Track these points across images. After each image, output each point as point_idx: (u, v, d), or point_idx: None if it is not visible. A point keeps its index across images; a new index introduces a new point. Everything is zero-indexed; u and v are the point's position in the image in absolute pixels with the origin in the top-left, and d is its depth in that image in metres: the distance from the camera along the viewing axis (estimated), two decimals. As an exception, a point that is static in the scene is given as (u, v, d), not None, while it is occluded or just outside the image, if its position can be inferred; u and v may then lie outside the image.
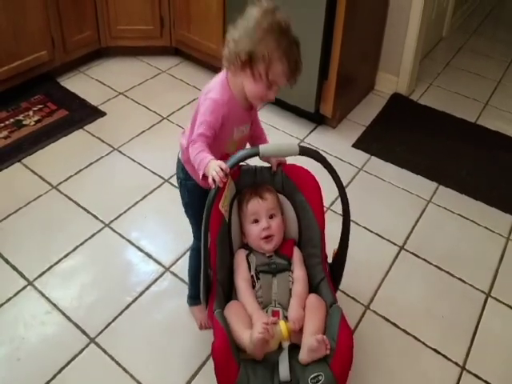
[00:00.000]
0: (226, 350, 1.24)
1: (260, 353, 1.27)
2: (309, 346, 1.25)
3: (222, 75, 1.35)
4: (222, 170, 1.20)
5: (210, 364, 1.28)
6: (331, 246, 1.51)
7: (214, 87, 1.33)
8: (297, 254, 1.53)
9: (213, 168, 1.20)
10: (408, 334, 1.73)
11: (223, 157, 1.37)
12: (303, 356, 1.26)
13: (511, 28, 3.97)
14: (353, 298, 1.83)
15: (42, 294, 1.76)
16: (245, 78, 1.29)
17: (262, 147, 1.26)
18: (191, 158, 1.29)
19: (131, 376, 1.55)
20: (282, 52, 1.25)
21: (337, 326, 1.31)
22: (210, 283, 1.41)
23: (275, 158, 1.49)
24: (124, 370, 1.56)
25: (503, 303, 1.86)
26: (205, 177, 1.24)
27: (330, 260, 1.53)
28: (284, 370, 1.25)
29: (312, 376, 1.23)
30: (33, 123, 2.53)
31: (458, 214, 2.22)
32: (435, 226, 2.16)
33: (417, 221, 2.17)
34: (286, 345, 1.31)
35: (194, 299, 1.69)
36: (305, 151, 1.29)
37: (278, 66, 1.26)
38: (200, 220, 1.30)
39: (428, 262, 1.99)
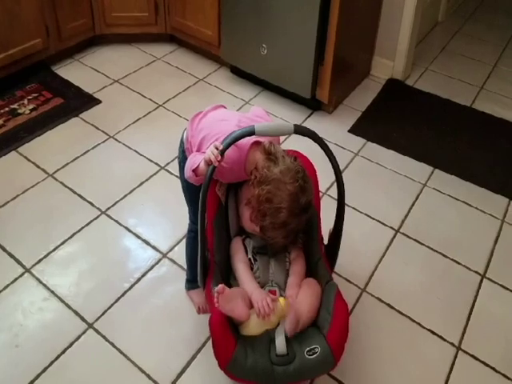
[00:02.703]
0: (223, 324, 1.25)
1: (242, 309, 1.29)
2: (290, 320, 1.28)
3: (247, 146, 1.33)
4: (217, 148, 1.22)
5: (209, 347, 1.29)
6: (327, 230, 1.52)
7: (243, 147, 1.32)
8: None
9: (208, 149, 1.22)
10: (404, 315, 1.75)
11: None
12: (287, 329, 1.28)
13: (507, 13, 3.95)
14: (349, 281, 1.84)
15: (40, 281, 1.77)
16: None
17: (257, 126, 1.26)
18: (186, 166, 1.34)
19: (130, 360, 1.56)
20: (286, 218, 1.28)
21: (332, 300, 1.33)
22: (207, 264, 1.42)
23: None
24: (123, 354, 1.58)
25: (498, 284, 1.88)
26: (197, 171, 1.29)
27: (325, 242, 1.55)
28: (280, 344, 1.27)
29: (308, 348, 1.26)
30: (28, 112, 2.52)
31: (453, 197, 2.23)
32: (430, 210, 2.17)
33: (412, 204, 2.19)
34: (282, 319, 1.32)
35: (191, 283, 1.70)
36: (299, 130, 1.30)
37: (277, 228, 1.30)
38: (197, 203, 1.31)
39: (423, 245, 2.01)
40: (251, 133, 1.26)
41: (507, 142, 2.59)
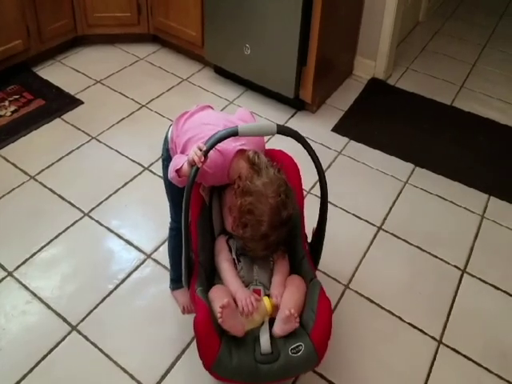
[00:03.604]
0: (207, 323, 1.26)
1: (240, 327, 1.29)
2: (281, 318, 1.28)
3: (231, 154, 1.34)
4: (200, 149, 1.22)
5: (194, 347, 1.30)
6: (311, 228, 1.54)
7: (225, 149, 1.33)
8: None
9: (191, 150, 1.23)
10: (386, 310, 1.77)
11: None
12: (275, 328, 1.30)
13: (486, 12, 4.01)
14: (333, 278, 1.86)
15: (22, 285, 1.76)
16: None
17: (240, 126, 1.27)
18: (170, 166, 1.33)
19: (114, 362, 1.56)
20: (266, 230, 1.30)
21: (316, 298, 1.35)
22: (191, 265, 1.42)
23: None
24: (107, 356, 1.57)
25: (478, 278, 1.91)
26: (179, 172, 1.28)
27: (309, 240, 1.56)
28: (265, 342, 1.27)
29: (292, 346, 1.27)
30: (9, 114, 2.50)
31: (434, 194, 2.27)
32: (412, 207, 2.20)
33: (394, 202, 2.21)
34: (266, 319, 1.33)
35: (175, 283, 1.71)
36: (282, 130, 1.31)
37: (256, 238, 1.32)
38: (178, 201, 1.32)
39: (405, 242, 2.03)
40: (234, 133, 1.27)
41: (486, 140, 2.63)
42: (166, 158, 1.50)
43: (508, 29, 3.78)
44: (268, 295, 1.39)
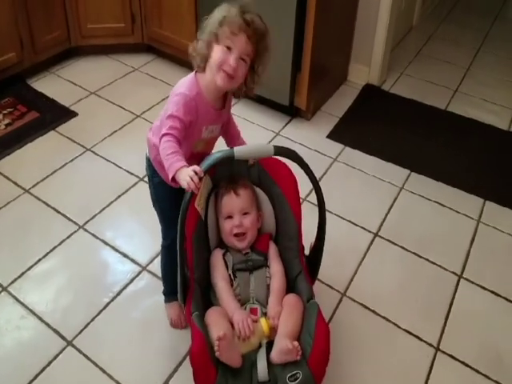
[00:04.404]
0: (203, 355, 1.23)
1: (237, 357, 1.27)
2: (281, 348, 1.26)
3: (190, 74, 1.36)
4: (196, 173, 1.18)
5: (188, 361, 1.28)
6: (308, 236, 1.53)
7: (182, 84, 1.34)
8: (272, 248, 1.54)
9: (186, 173, 1.18)
10: (384, 318, 1.76)
11: (191, 155, 1.37)
12: (274, 356, 1.27)
13: (479, 15, 4.02)
14: (329, 286, 1.85)
15: (17, 299, 1.74)
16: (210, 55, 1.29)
17: (236, 149, 1.25)
18: (161, 154, 1.25)
19: (110, 377, 1.54)
20: (238, 18, 1.27)
21: (314, 322, 1.32)
22: (187, 283, 1.41)
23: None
24: (103, 371, 1.56)
25: (475, 284, 1.90)
26: (174, 179, 1.23)
27: (307, 252, 1.55)
28: (262, 370, 1.25)
29: (290, 374, 1.24)
30: (3, 127, 2.49)
31: (430, 200, 2.26)
32: (408, 212, 2.19)
33: (390, 208, 2.21)
34: (263, 342, 1.32)
35: (166, 296, 1.70)
36: (280, 151, 1.29)
37: (233, 24, 1.26)
38: (167, 218, 1.31)
39: (402, 248, 2.03)
40: (230, 155, 1.25)
41: (481, 143, 2.63)
42: (151, 175, 1.48)
43: (502, 31, 3.79)
44: (265, 314, 1.38)
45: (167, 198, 1.44)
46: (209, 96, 1.34)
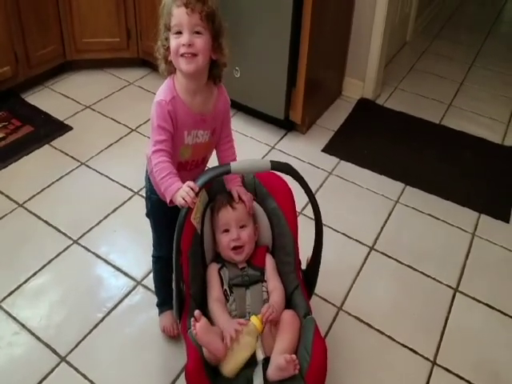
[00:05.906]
0: (199, 372, 1.22)
1: (219, 345, 1.26)
2: (276, 364, 1.23)
3: (167, 80, 1.34)
4: (191, 189, 1.18)
5: (184, 378, 1.27)
6: (304, 250, 1.52)
7: (159, 92, 1.32)
8: (270, 263, 1.51)
9: (182, 189, 1.18)
10: (380, 332, 1.75)
11: (179, 165, 1.37)
12: (270, 373, 1.25)
13: (471, 31, 4.09)
14: (325, 300, 1.84)
15: (10, 315, 1.72)
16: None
17: (233, 164, 1.24)
18: (156, 177, 1.27)
19: (104, 393, 1.52)
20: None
21: (311, 339, 1.30)
22: (182, 298, 1.39)
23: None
24: (97, 387, 1.54)
25: (470, 297, 1.90)
26: (172, 201, 1.23)
27: (303, 266, 1.54)
28: None
29: None
30: (-3, 141, 2.49)
31: (425, 213, 2.27)
32: (403, 226, 2.19)
33: (385, 221, 2.21)
34: (260, 358, 1.30)
35: (159, 307, 1.69)
36: (277, 167, 1.28)
37: (172, 5, 1.25)
38: (160, 232, 1.30)
39: (397, 261, 2.02)
40: (227, 171, 1.24)
41: (475, 157, 2.64)
42: (149, 190, 1.48)
43: (494, 47, 3.85)
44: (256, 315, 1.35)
45: (163, 215, 1.42)
46: (186, 98, 1.30)
